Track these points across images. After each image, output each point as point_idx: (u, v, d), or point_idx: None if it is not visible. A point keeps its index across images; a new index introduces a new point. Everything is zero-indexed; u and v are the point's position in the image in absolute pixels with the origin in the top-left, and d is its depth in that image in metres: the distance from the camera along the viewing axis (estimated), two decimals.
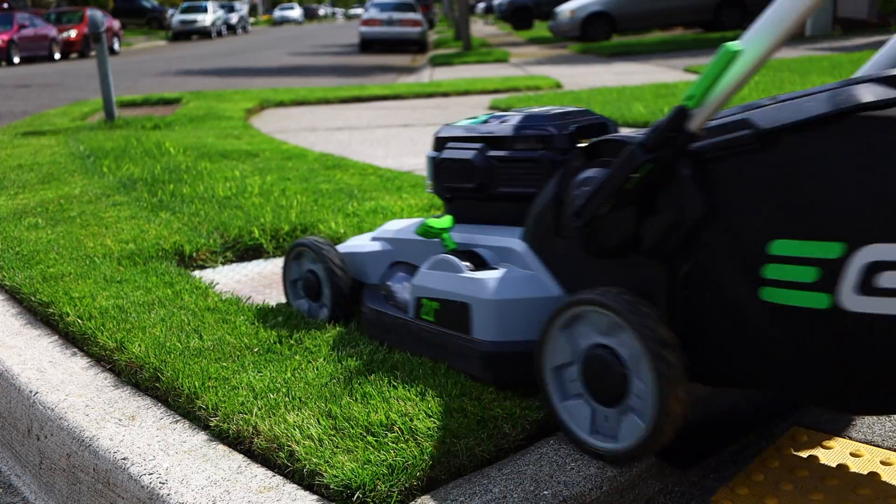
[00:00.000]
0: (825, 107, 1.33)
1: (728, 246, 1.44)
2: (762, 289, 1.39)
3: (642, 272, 1.57)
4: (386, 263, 2.18)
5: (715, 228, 1.45)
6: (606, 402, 1.53)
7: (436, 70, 14.28)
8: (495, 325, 1.75)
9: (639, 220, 1.53)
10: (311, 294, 2.27)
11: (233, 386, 1.77)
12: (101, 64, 6.92)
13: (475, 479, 1.47)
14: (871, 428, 1.74)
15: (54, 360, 2.09)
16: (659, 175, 1.49)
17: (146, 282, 2.51)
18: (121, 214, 3.45)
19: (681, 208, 1.47)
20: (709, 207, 1.45)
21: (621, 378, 1.49)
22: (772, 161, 1.38)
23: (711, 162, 1.45)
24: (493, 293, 1.74)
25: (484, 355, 1.75)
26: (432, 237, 1.96)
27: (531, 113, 1.96)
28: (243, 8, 45.00)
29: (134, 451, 1.61)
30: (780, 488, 1.53)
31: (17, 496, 1.90)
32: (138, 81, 14.02)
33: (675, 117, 1.43)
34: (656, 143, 1.46)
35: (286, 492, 1.45)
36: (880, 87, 1.33)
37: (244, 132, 6.32)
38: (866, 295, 1.27)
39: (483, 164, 1.94)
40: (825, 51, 11.73)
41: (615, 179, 1.51)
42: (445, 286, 1.85)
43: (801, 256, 1.34)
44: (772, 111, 1.40)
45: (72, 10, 27.60)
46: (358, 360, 1.85)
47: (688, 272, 1.51)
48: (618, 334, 1.50)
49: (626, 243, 1.55)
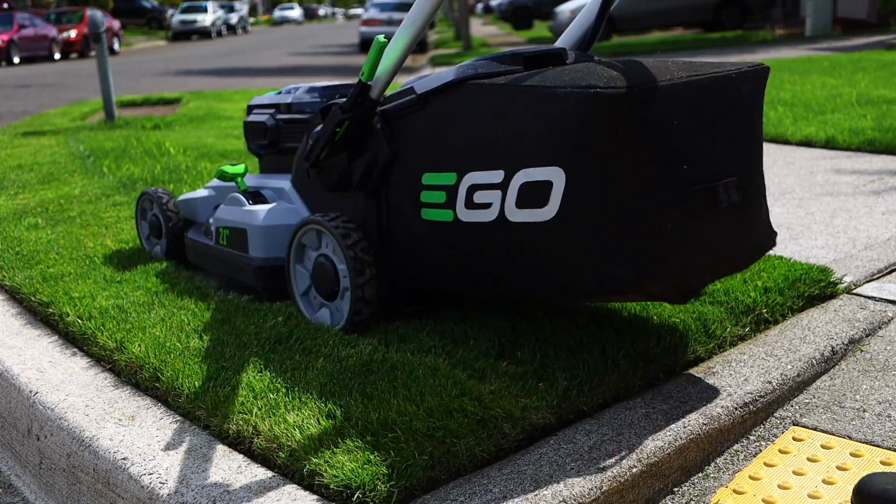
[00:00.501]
0: (451, 76, 1.85)
1: (404, 180, 1.97)
2: (422, 210, 1.91)
3: (358, 204, 2.11)
4: (211, 206, 2.74)
5: (398, 168, 1.99)
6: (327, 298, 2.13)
7: (436, 70, 14.27)
8: (263, 244, 2.30)
9: (350, 163, 2.08)
10: (155, 234, 2.84)
11: (233, 386, 1.77)
12: (101, 64, 6.92)
13: (475, 479, 1.47)
14: (871, 428, 1.74)
15: (54, 360, 2.09)
16: (358, 129, 2.03)
17: (146, 282, 2.51)
18: (121, 214, 3.45)
19: (375, 153, 2.01)
20: (393, 152, 1.98)
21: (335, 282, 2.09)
22: (424, 117, 1.91)
23: (395, 119, 1.98)
24: (262, 220, 2.31)
25: (256, 269, 2.31)
26: (228, 180, 2.56)
27: (310, 86, 2.51)
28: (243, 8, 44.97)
29: (134, 451, 1.61)
30: (780, 488, 1.53)
31: (17, 496, 1.90)
32: (138, 81, 14.01)
33: (357, 88, 1.99)
34: (349, 105, 2.01)
35: (286, 492, 1.45)
36: (493, 63, 1.88)
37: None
38: (469, 209, 1.79)
39: (273, 125, 2.49)
40: (825, 51, 11.72)
41: (325, 132, 2.07)
42: (233, 217, 2.42)
43: (436, 184, 1.87)
44: (427, 80, 1.91)
45: (72, 10, 27.59)
46: (358, 360, 1.85)
47: (385, 203, 2.04)
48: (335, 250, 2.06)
49: (343, 180, 2.10)
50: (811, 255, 2.66)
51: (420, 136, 1.92)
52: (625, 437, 1.59)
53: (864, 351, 2.09)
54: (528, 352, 1.88)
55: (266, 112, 2.53)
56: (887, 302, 2.30)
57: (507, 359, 1.86)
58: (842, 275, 2.42)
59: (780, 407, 1.85)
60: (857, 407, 1.83)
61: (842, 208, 3.29)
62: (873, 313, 2.23)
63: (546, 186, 1.64)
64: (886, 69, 7.81)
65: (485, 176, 1.75)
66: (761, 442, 1.73)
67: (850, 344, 2.09)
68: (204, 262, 2.60)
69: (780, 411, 1.84)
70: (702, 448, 1.65)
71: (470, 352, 1.89)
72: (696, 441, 1.64)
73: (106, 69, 6.92)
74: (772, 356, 1.95)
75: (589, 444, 1.57)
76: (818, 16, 14.92)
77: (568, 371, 1.78)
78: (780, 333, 2.08)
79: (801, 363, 1.93)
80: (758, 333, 2.09)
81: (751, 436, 1.76)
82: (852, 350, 2.09)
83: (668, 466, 1.58)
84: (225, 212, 2.47)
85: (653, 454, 1.55)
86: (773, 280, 2.27)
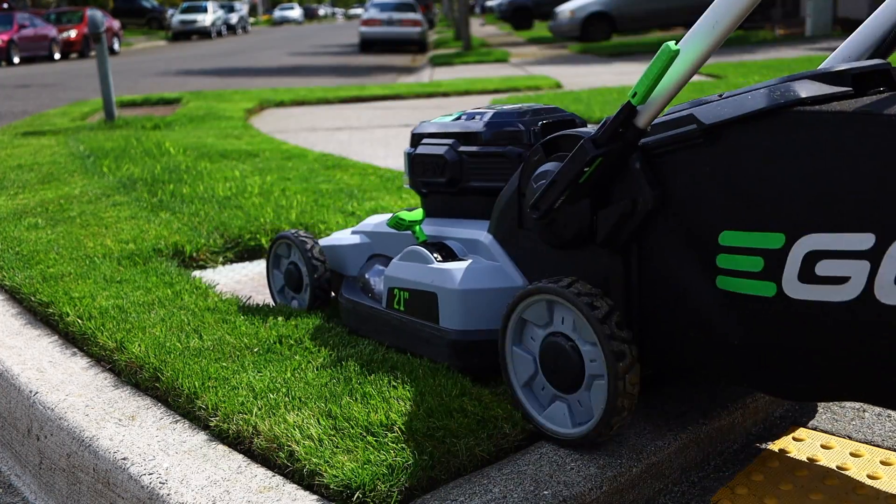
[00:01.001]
0: (763, 102, 1.39)
1: (680, 237, 1.50)
2: (717, 277, 1.44)
3: (599, 263, 1.62)
4: (364, 256, 2.26)
5: (666, 220, 1.51)
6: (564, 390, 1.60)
7: (436, 70, 14.28)
8: (461, 313, 1.82)
9: (593, 212, 1.59)
10: (293, 285, 2.37)
11: (233, 386, 1.77)
12: (101, 64, 6.92)
13: (475, 479, 1.47)
14: (871, 428, 1.74)
15: (54, 360, 2.09)
16: (610, 169, 1.54)
17: (146, 282, 2.51)
18: (121, 214, 3.45)
19: (632, 200, 1.53)
20: (659, 200, 1.50)
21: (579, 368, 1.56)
22: (716, 155, 1.44)
23: (661, 156, 1.51)
24: (459, 283, 1.81)
25: (451, 343, 1.83)
26: (403, 229, 2.05)
27: (501, 110, 2.03)
28: (243, 8, 44.98)
29: (134, 451, 1.61)
30: (780, 488, 1.53)
31: (17, 496, 1.90)
32: (138, 81, 14.02)
33: (623, 113, 1.49)
34: (606, 137, 1.52)
35: (286, 492, 1.45)
36: (815, 84, 1.41)
37: (244, 132, 6.32)
38: (807, 283, 1.32)
39: (454, 159, 2.02)
40: (825, 51, 11.73)
41: (568, 173, 1.57)
42: (415, 276, 1.92)
43: (747, 247, 1.40)
44: (715, 107, 1.45)
45: (72, 10, 27.59)
46: (358, 360, 1.85)
47: (641, 263, 1.57)
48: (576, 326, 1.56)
49: (582, 235, 1.61)
50: None
51: (710, 181, 1.45)
52: (625, 437, 1.59)
53: None
54: None
55: (443, 143, 2.06)
56: None
57: None
58: None
59: (780, 407, 1.85)
60: (857, 407, 1.83)
61: None
62: None
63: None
64: None
65: (839, 240, 1.29)
66: (761, 442, 1.73)
67: None
68: (369, 330, 2.10)
69: (780, 411, 1.84)
70: (702, 448, 1.66)
71: None
72: (696, 441, 1.64)
73: (106, 69, 6.92)
74: None
75: (589, 444, 1.57)
76: (818, 16, 14.93)
77: None
78: None
79: None
80: None
81: (751, 436, 1.76)
82: None
83: (668, 466, 1.58)
84: (402, 269, 1.97)
85: (653, 454, 1.55)
86: None
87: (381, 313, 2.03)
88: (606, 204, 1.58)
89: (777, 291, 1.36)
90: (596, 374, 1.52)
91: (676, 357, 1.56)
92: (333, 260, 2.31)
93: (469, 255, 1.93)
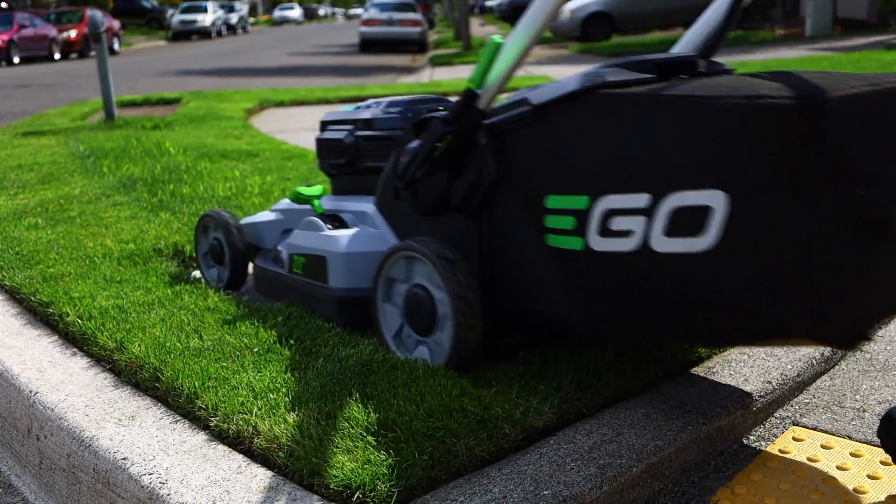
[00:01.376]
0: (576, 85, 1.62)
1: (519, 202, 1.75)
2: (546, 236, 1.68)
3: (457, 227, 1.89)
4: (278, 231, 2.53)
5: (509, 189, 1.76)
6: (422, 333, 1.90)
7: (436, 70, 14.28)
8: (345, 274, 2.11)
9: (449, 182, 1.86)
10: (216, 259, 2.64)
11: (233, 386, 1.77)
12: (101, 64, 6.92)
13: (475, 479, 1.47)
14: (871, 428, 1.74)
15: (54, 360, 2.09)
16: (460, 145, 1.82)
17: (146, 282, 2.51)
18: (121, 214, 3.45)
19: (478, 172, 1.79)
20: (501, 171, 1.76)
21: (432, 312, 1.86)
22: (543, 130, 1.68)
23: (504, 134, 1.77)
24: (344, 248, 2.11)
25: (337, 300, 2.11)
26: (302, 202, 2.36)
27: (394, 100, 2.30)
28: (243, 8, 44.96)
29: (134, 451, 1.61)
30: (779, 488, 1.53)
31: (17, 496, 1.90)
32: (138, 81, 14.02)
33: (465, 97, 1.77)
34: (453, 118, 1.80)
35: (286, 492, 1.45)
36: (622, 70, 1.67)
37: (244, 132, 6.32)
38: (604, 237, 1.57)
39: (352, 143, 2.29)
40: (825, 51, 11.73)
41: (424, 148, 1.86)
42: (310, 243, 2.22)
43: (563, 208, 1.64)
44: (544, 89, 1.68)
45: (72, 10, 27.58)
46: (358, 360, 1.85)
47: (491, 227, 1.82)
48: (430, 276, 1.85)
49: (441, 202, 1.89)
50: None
51: (539, 154, 1.70)
52: (625, 437, 1.59)
53: (864, 351, 2.09)
54: (529, 352, 1.88)
55: (343, 128, 2.34)
56: None
57: (508, 359, 1.86)
58: None
59: (780, 407, 1.85)
60: (857, 407, 1.83)
61: None
62: None
63: (703, 212, 1.43)
64: (886, 69, 7.81)
65: (627, 200, 1.52)
66: (761, 442, 1.73)
67: None
68: (276, 293, 2.40)
69: (780, 411, 1.84)
70: (702, 448, 1.66)
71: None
72: (696, 441, 1.64)
73: (106, 69, 6.92)
74: (772, 356, 1.95)
75: (589, 444, 1.57)
76: (818, 16, 14.92)
77: (568, 372, 1.78)
78: None
79: (801, 363, 1.93)
80: None
81: (751, 436, 1.76)
82: (852, 350, 2.09)
83: (668, 466, 1.58)
84: (300, 237, 2.27)
85: (653, 454, 1.55)
86: None
87: (284, 277, 2.33)
88: (459, 176, 1.84)
89: (584, 245, 1.60)
90: (445, 315, 1.82)
91: (522, 308, 1.80)
92: (252, 236, 2.57)
93: (358, 224, 2.21)
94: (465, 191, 1.82)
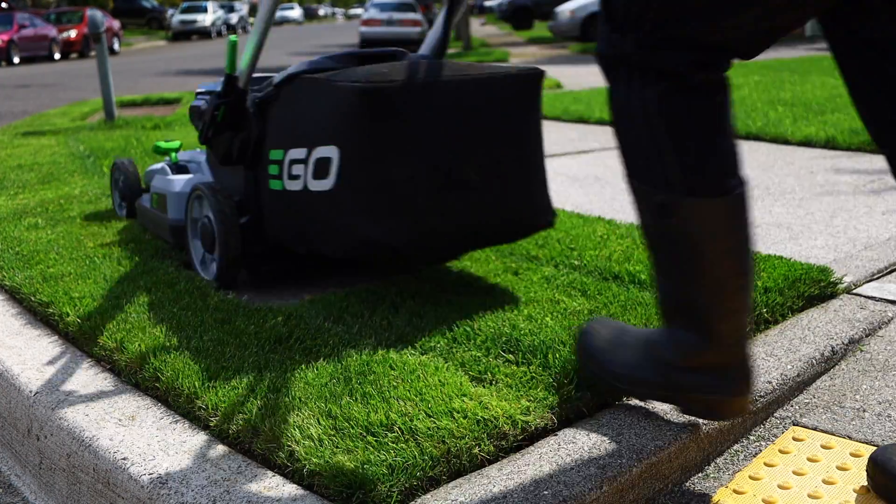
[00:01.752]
0: (294, 70, 2.30)
1: (266, 156, 2.37)
2: (269, 180, 2.34)
3: (241, 175, 2.51)
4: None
5: (263, 146, 2.40)
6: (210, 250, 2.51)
7: None
8: (175, 208, 2.76)
9: (231, 140, 2.46)
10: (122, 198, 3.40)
11: (233, 386, 1.77)
12: (101, 64, 6.92)
13: (475, 479, 1.46)
14: (871, 428, 1.74)
15: (54, 360, 2.09)
16: (233, 112, 2.43)
17: (146, 282, 2.51)
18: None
19: (247, 132, 2.42)
20: (261, 132, 2.40)
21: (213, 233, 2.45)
22: (278, 103, 2.34)
23: (264, 104, 2.41)
24: (176, 188, 2.79)
25: (170, 227, 2.78)
26: (161, 154, 3.23)
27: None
28: (243, 8, 44.97)
29: (134, 451, 1.60)
30: (780, 488, 1.53)
31: (17, 496, 1.90)
32: (138, 81, 14.01)
33: (226, 79, 2.41)
34: (223, 92, 2.42)
35: (286, 492, 1.45)
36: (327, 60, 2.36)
37: None
38: (289, 180, 2.24)
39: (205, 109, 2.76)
40: (825, 51, 11.72)
41: (207, 114, 2.49)
42: (160, 184, 2.92)
43: (274, 159, 2.31)
44: (284, 72, 2.34)
45: (72, 10, 27.59)
46: (358, 360, 1.85)
47: (258, 175, 2.43)
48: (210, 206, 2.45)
49: (229, 155, 2.48)
50: (811, 255, 2.66)
51: (272, 119, 2.37)
52: (625, 437, 1.59)
53: (864, 351, 2.09)
54: (529, 352, 1.88)
55: (205, 98, 2.87)
56: (887, 302, 2.30)
57: (508, 359, 1.86)
58: (842, 275, 2.42)
59: (780, 407, 1.85)
60: (857, 407, 1.83)
61: (842, 208, 3.29)
62: (873, 313, 2.23)
63: (328, 162, 2.09)
64: None
65: (298, 153, 2.20)
66: (761, 442, 1.73)
67: (850, 344, 2.09)
68: (143, 223, 3.12)
69: (780, 411, 1.84)
70: (702, 448, 1.66)
71: (470, 352, 1.89)
72: (696, 441, 1.64)
73: (106, 69, 6.92)
74: (772, 356, 1.95)
75: (589, 444, 1.57)
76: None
77: (568, 372, 1.78)
78: (779, 333, 2.08)
79: (801, 363, 1.93)
80: (758, 333, 2.09)
81: (751, 436, 1.76)
82: (852, 350, 2.09)
83: (668, 466, 1.58)
84: (157, 180, 2.98)
85: (653, 454, 1.55)
86: (772, 280, 2.27)
87: (148, 211, 3.03)
88: (238, 134, 2.44)
89: (283, 186, 2.27)
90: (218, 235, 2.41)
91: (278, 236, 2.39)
92: (146, 181, 3.27)
93: (197, 172, 2.91)
94: (240, 146, 2.43)
